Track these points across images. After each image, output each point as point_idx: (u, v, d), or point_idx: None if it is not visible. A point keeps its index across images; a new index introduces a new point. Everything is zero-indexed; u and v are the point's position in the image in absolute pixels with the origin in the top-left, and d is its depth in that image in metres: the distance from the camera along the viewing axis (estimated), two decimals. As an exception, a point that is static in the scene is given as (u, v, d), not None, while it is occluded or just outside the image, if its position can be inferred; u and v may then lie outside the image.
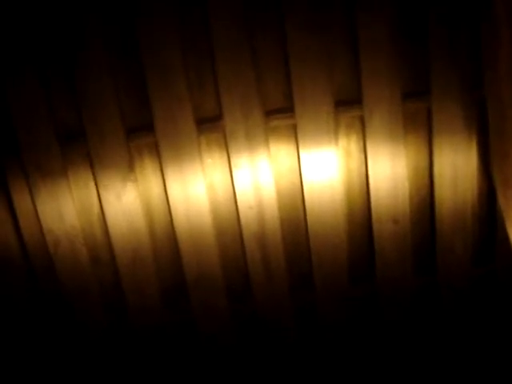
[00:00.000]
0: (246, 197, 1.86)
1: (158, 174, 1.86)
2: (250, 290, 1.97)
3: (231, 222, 1.91)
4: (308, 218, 1.90)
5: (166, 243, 1.93)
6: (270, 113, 1.82)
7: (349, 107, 1.85)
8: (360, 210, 1.97)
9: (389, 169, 1.89)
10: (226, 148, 1.83)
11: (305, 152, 1.84)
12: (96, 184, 1.83)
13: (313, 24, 1.75)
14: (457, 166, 1.94)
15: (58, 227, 1.83)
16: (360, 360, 2.12)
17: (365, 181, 1.93)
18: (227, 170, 1.87)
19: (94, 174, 1.82)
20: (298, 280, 2.01)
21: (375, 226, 1.95)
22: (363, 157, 1.91)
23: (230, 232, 1.93)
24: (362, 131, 1.87)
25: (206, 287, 1.94)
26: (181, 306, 1.98)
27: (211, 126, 1.82)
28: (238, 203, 1.87)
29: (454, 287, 2.07)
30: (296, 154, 1.87)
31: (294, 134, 1.85)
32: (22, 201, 1.82)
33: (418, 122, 1.91)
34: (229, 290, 1.97)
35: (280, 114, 1.83)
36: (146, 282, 1.92)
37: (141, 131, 1.81)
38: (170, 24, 1.71)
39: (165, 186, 1.84)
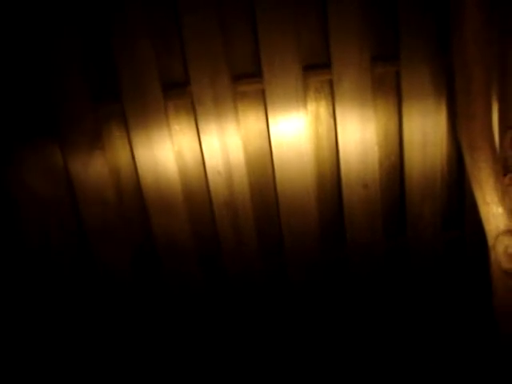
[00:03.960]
0: (215, 162, 1.85)
1: (126, 141, 1.84)
2: (220, 256, 1.98)
3: (200, 188, 1.91)
4: (277, 183, 1.90)
5: (134, 210, 1.91)
6: (237, 78, 1.80)
7: (318, 71, 1.84)
8: (329, 174, 1.98)
9: (358, 133, 1.90)
10: (194, 114, 1.81)
11: (273, 117, 1.83)
12: (62, 152, 1.80)
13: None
14: (426, 130, 1.96)
15: (25, 197, 1.80)
16: (331, 324, 2.15)
17: (334, 146, 1.93)
18: (195, 135, 1.85)
19: (59, 142, 1.79)
20: (268, 244, 2.02)
21: (345, 190, 1.96)
22: (332, 121, 1.91)
23: (199, 198, 1.92)
24: (331, 95, 1.87)
25: (176, 253, 1.94)
26: (151, 272, 1.98)
27: (178, 91, 1.80)
28: (207, 169, 1.86)
29: (422, 251, 2.09)
30: (265, 119, 1.86)
31: (262, 99, 1.84)
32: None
33: (387, 85, 1.92)
34: (199, 255, 1.97)
35: (248, 79, 1.82)
36: (115, 249, 1.90)
37: (107, 98, 1.78)
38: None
39: (132, 153, 1.82)
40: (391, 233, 2.08)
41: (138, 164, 1.82)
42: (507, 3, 1.76)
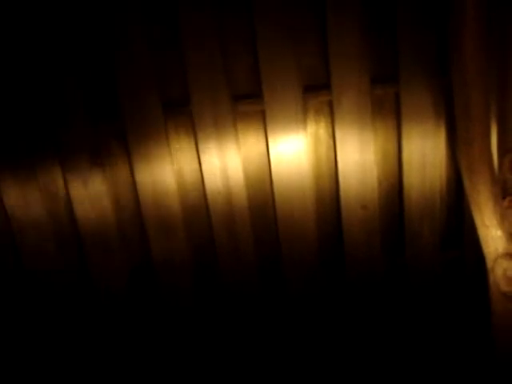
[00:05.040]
0: (214, 182, 1.85)
1: (125, 159, 1.84)
2: (219, 274, 1.97)
3: (199, 208, 1.91)
4: (276, 203, 1.90)
5: (133, 229, 1.91)
6: (238, 98, 1.81)
7: (317, 92, 1.85)
8: (328, 195, 1.98)
9: (357, 154, 1.90)
10: (194, 133, 1.82)
11: (273, 137, 1.84)
12: (62, 169, 1.80)
13: (281, 8, 1.75)
14: (425, 152, 1.96)
15: (24, 214, 1.80)
16: (328, 338, 2.14)
17: (333, 166, 1.94)
18: (195, 155, 1.86)
19: (59, 160, 1.79)
20: (266, 264, 2.01)
21: (344, 211, 1.96)
22: (332, 142, 1.91)
23: (198, 217, 1.92)
24: (331, 116, 1.88)
25: (174, 272, 1.93)
26: (149, 290, 1.97)
27: (179, 111, 1.81)
28: (206, 188, 1.86)
29: (421, 270, 2.09)
30: (264, 139, 1.87)
31: (262, 120, 1.85)
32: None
33: (386, 107, 1.93)
34: (197, 274, 1.97)
35: (248, 100, 1.82)
36: (113, 267, 1.90)
37: (107, 116, 1.78)
38: (136, 6, 1.68)
39: (132, 171, 1.82)
40: (390, 252, 2.08)
41: (138, 182, 1.82)
42: (507, 23, 1.78)
